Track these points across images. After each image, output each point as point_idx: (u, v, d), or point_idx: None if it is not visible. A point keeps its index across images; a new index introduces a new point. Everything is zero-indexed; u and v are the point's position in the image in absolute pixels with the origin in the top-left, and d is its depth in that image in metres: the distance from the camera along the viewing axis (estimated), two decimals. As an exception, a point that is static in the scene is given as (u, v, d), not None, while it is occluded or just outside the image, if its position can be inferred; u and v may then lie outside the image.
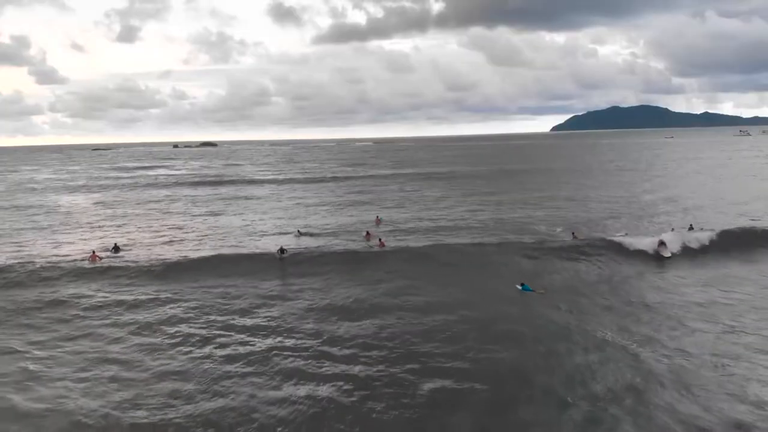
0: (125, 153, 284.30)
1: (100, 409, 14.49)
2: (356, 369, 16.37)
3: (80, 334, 20.12)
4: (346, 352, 17.73)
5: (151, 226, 43.66)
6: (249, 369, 16.60)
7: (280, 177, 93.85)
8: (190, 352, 18.23)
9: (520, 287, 24.12)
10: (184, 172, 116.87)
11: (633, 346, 17.40)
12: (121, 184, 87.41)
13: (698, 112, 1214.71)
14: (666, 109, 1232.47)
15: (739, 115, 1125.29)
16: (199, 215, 49.80)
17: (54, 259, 31.94)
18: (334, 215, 47.90)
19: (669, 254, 29.07)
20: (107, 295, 25.00)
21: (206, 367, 16.94)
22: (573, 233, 34.78)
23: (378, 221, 44.40)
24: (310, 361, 17.08)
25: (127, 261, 30.95)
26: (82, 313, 22.55)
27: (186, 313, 22.24)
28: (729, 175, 72.42)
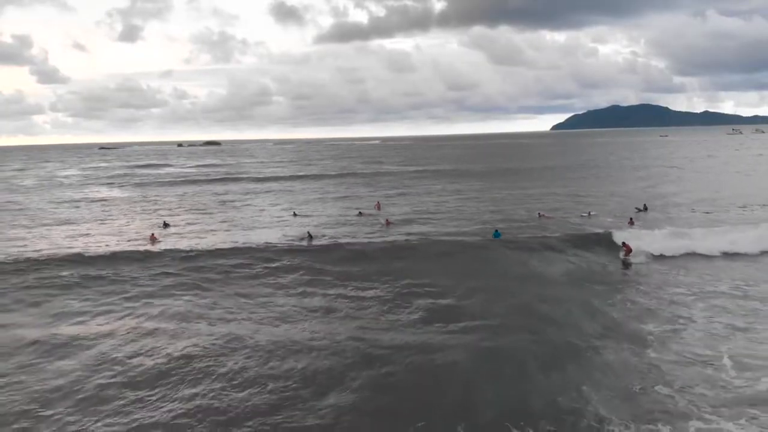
0: (134, 151, 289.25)
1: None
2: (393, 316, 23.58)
3: (152, 298, 26.11)
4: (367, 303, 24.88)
5: (191, 216, 50.38)
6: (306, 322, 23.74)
7: (299, 173, 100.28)
8: (258, 297, 25.34)
9: (492, 236, 31.97)
10: (203, 169, 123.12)
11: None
12: (147, 180, 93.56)
13: (698, 111, 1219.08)
14: (666, 108, 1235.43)
15: (739, 114, 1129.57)
16: (228, 205, 56.83)
17: (121, 242, 38.49)
18: (346, 203, 55.03)
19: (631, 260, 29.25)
20: (176, 268, 31.11)
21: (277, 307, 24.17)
22: (539, 213, 41.94)
23: (378, 206, 51.57)
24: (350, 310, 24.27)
25: (180, 244, 36.91)
26: (148, 281, 28.90)
27: (245, 277, 28.80)
28: (705, 169, 79.26)
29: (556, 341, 18.67)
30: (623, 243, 30.21)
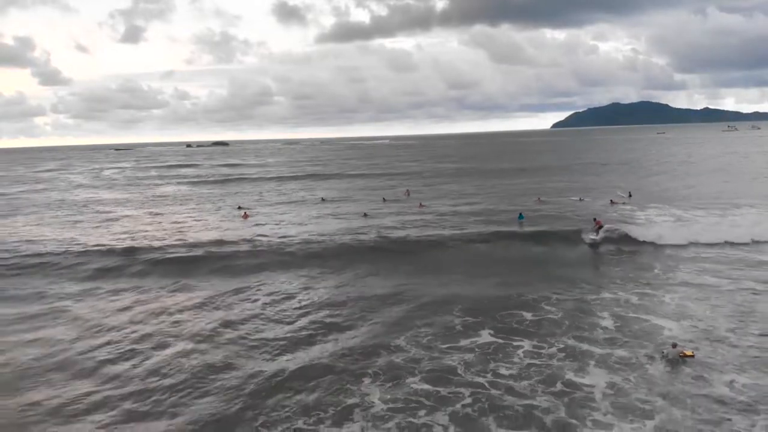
0: (150, 152, 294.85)
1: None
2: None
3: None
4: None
5: (262, 207, 60.14)
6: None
7: (328, 172, 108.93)
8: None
9: (518, 217, 40.79)
10: (236, 169, 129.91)
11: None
12: (199, 180, 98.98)
13: (698, 108, 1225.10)
14: (666, 105, 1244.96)
15: (739, 110, 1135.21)
16: (286, 197, 67.86)
17: (223, 225, 47.94)
18: (377, 192, 66.01)
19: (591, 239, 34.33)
20: (280, 245, 40.76)
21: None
22: (538, 198, 53.29)
23: (407, 193, 62.79)
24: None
25: (268, 226, 45.65)
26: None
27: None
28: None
29: (539, 282, 28.44)
30: (594, 219, 35.97)
